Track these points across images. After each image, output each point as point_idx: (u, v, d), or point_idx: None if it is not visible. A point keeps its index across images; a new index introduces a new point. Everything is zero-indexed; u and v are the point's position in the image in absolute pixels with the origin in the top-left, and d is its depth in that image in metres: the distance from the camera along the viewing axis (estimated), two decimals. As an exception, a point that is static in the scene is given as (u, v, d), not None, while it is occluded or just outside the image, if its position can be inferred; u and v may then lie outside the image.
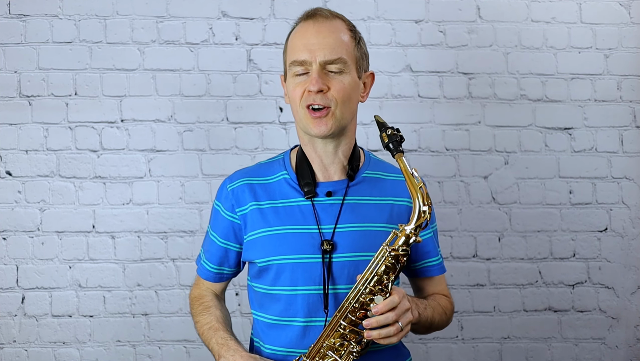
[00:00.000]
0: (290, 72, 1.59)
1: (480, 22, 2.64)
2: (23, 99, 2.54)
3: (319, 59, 1.53)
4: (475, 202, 2.62)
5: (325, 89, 1.53)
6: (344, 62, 1.56)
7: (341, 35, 1.57)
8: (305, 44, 1.55)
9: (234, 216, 1.65)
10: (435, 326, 1.66)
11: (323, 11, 1.61)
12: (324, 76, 1.54)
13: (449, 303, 1.73)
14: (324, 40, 1.55)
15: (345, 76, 1.56)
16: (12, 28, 2.53)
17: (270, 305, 1.61)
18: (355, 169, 1.64)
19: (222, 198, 1.69)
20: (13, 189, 2.52)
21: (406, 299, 1.46)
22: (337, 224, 1.57)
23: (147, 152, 2.55)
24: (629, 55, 2.66)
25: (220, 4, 2.58)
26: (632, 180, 2.66)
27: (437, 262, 1.74)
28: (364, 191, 1.63)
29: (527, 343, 2.62)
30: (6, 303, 2.51)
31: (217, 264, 1.72)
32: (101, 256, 2.53)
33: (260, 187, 1.65)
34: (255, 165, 1.75)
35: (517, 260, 2.62)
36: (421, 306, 1.58)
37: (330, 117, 1.55)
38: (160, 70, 2.56)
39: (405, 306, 1.45)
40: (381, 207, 1.62)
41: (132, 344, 2.54)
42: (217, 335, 1.61)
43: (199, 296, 1.76)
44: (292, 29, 1.64)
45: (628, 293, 2.65)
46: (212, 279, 1.74)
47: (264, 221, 1.60)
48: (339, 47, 1.55)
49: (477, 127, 2.63)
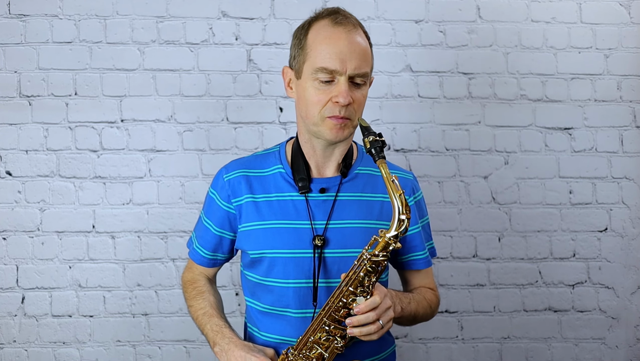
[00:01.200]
0: (311, 75, 1.57)
1: (480, 22, 2.64)
2: (23, 99, 2.54)
3: (349, 71, 1.55)
4: (475, 202, 2.62)
5: (351, 101, 1.56)
6: (367, 76, 1.59)
7: (366, 47, 1.60)
8: (337, 53, 1.54)
9: (229, 206, 1.69)
10: (419, 319, 1.72)
11: (350, 16, 1.61)
12: (350, 87, 1.56)
13: (434, 297, 1.77)
14: (355, 51, 1.55)
15: (364, 88, 1.60)
16: (12, 28, 2.53)
17: (263, 294, 1.66)
18: (348, 165, 1.67)
19: (218, 188, 1.71)
20: (13, 189, 2.52)
21: (388, 298, 1.51)
22: (330, 220, 1.61)
23: (147, 152, 2.55)
24: (629, 55, 2.66)
25: (220, 4, 2.58)
26: (632, 180, 2.66)
27: (423, 256, 1.76)
28: (357, 187, 1.67)
29: (527, 343, 2.62)
30: (6, 303, 2.51)
31: (211, 250, 1.75)
32: (101, 256, 2.54)
33: (256, 179, 1.68)
34: (251, 156, 1.77)
35: (517, 260, 2.62)
36: (405, 301, 1.62)
37: (348, 126, 1.59)
38: (160, 70, 2.56)
39: (387, 305, 1.49)
40: (372, 204, 1.66)
41: (132, 344, 2.54)
42: (212, 321, 1.65)
43: (192, 280, 1.79)
44: (311, 24, 1.61)
45: (628, 293, 2.65)
46: (205, 264, 1.78)
47: (258, 215, 1.64)
48: (366, 60, 1.58)
49: (477, 127, 2.63)
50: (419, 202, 1.74)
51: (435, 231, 2.54)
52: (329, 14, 1.60)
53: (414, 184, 1.74)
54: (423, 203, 1.77)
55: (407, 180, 1.73)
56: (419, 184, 1.78)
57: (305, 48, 1.58)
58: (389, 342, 1.73)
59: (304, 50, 1.59)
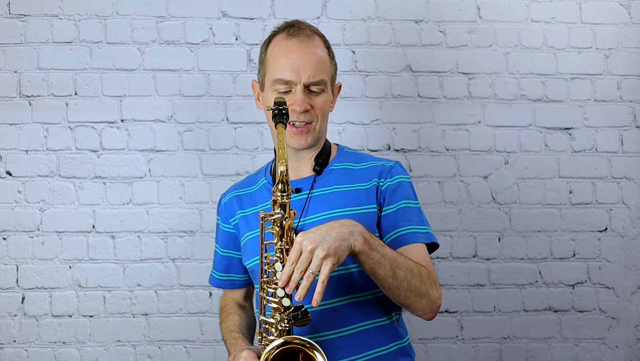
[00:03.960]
0: (271, 87, 1.66)
1: (480, 22, 2.64)
2: (23, 99, 2.54)
3: (304, 80, 1.62)
4: (475, 202, 2.62)
5: (309, 108, 1.63)
6: (325, 83, 1.66)
7: (322, 56, 1.67)
8: (290, 64, 1.62)
9: (228, 226, 1.82)
10: (406, 279, 1.50)
11: (304, 28, 1.68)
12: (307, 94, 1.63)
13: (425, 270, 1.57)
14: (308, 61, 1.63)
15: (324, 94, 1.67)
16: (12, 28, 2.53)
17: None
18: (323, 163, 1.71)
19: (219, 212, 1.87)
20: (13, 189, 2.52)
21: (306, 240, 1.35)
22: (304, 217, 1.65)
23: (147, 152, 2.55)
24: (629, 55, 2.66)
25: (220, 4, 2.58)
26: (632, 180, 2.66)
27: (404, 232, 1.63)
28: (331, 181, 1.69)
29: (527, 343, 2.62)
30: (6, 303, 2.51)
31: (223, 272, 1.88)
32: (101, 256, 2.53)
33: (246, 196, 1.79)
34: (246, 178, 1.90)
35: (517, 260, 2.62)
36: (376, 240, 1.47)
37: (310, 132, 1.66)
38: (160, 70, 2.56)
39: (306, 250, 1.34)
40: (348, 193, 1.67)
41: (132, 344, 2.54)
42: (231, 336, 1.73)
43: (222, 306, 1.91)
44: (270, 39, 1.71)
45: (628, 293, 2.65)
46: (223, 286, 1.90)
47: (248, 226, 1.74)
48: (321, 68, 1.65)
49: (477, 127, 2.63)
50: (399, 184, 1.68)
51: (436, 231, 2.50)
52: (285, 28, 1.69)
53: (392, 168, 1.70)
54: (407, 187, 1.70)
55: (385, 166, 1.71)
56: (403, 170, 1.73)
57: (265, 62, 1.70)
58: (399, 334, 1.68)
59: (264, 64, 1.70)
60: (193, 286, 2.53)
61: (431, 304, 1.57)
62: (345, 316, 1.59)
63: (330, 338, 1.57)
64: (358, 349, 1.59)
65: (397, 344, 1.66)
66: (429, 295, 1.55)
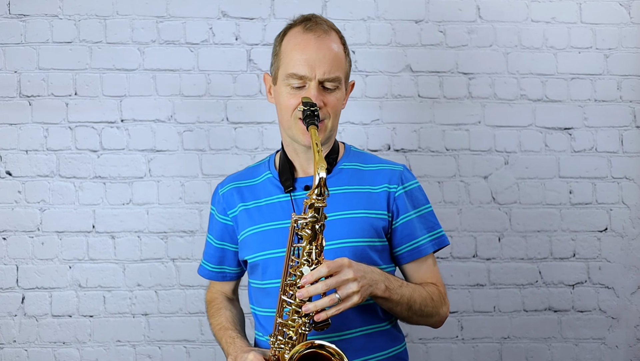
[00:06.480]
0: (284, 81, 1.62)
1: (480, 22, 2.64)
2: (23, 99, 2.54)
3: (319, 76, 1.59)
4: (475, 202, 2.62)
5: (322, 105, 1.59)
6: (339, 80, 1.63)
7: (338, 52, 1.64)
8: (306, 59, 1.59)
9: (226, 218, 1.77)
10: (418, 310, 1.60)
11: (321, 22, 1.65)
12: (321, 91, 1.60)
13: (436, 289, 1.67)
14: (323, 57, 1.60)
15: (338, 92, 1.64)
16: (12, 28, 2.53)
17: (263, 299, 1.68)
18: (332, 162, 1.69)
19: (215, 202, 1.81)
20: (13, 189, 2.52)
21: (350, 270, 1.41)
22: None
23: (147, 152, 2.55)
24: (629, 55, 2.66)
25: (220, 4, 2.58)
26: (632, 180, 2.66)
27: (417, 245, 1.69)
28: (341, 181, 1.68)
29: (527, 343, 2.62)
30: (6, 303, 2.51)
31: (216, 263, 1.83)
32: (101, 256, 2.54)
33: (247, 189, 1.75)
34: (244, 169, 1.85)
35: (517, 260, 2.62)
36: (394, 282, 1.54)
37: (322, 130, 1.61)
38: (160, 70, 2.56)
39: (346, 276, 1.40)
40: (359, 195, 1.66)
41: (132, 344, 2.54)
42: (226, 335, 1.69)
43: (210, 299, 1.87)
44: (285, 32, 1.67)
45: (628, 293, 2.65)
46: (214, 278, 1.85)
47: (250, 220, 1.70)
48: (337, 64, 1.62)
49: (477, 127, 2.63)
50: (410, 191, 1.70)
51: (435, 231, 2.53)
52: (302, 21, 1.66)
53: (402, 174, 1.71)
54: (418, 193, 1.72)
55: (394, 171, 1.71)
56: (411, 175, 1.74)
57: (279, 55, 1.66)
58: (398, 339, 1.70)
59: (278, 57, 1.66)
60: (193, 286, 2.53)
61: (440, 320, 1.69)
62: (348, 320, 1.60)
63: (332, 341, 1.57)
64: (359, 353, 1.60)
65: (396, 349, 1.69)
66: (439, 314, 1.66)
